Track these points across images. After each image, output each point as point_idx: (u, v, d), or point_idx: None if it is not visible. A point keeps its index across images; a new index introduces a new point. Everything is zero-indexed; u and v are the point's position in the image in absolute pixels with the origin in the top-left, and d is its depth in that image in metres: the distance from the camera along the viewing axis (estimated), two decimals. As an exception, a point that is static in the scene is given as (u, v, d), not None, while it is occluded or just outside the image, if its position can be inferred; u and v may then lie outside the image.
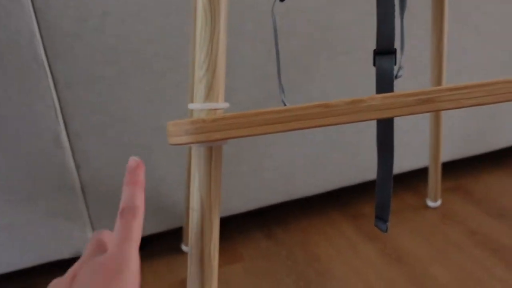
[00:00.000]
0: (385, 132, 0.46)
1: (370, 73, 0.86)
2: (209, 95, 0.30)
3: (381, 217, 0.49)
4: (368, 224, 0.90)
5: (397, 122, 0.91)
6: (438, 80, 0.79)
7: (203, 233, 0.33)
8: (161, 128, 0.77)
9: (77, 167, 0.76)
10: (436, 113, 0.84)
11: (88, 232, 0.80)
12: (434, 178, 0.92)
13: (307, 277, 0.76)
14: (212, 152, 0.33)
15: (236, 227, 0.95)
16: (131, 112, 0.75)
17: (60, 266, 0.86)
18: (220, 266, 0.83)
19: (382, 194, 0.48)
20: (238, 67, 0.78)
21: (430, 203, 0.95)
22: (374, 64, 0.43)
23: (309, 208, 0.99)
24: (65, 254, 0.80)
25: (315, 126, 0.29)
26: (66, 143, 0.73)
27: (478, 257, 0.76)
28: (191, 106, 0.32)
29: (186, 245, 0.88)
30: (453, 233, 0.84)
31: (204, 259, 0.33)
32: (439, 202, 0.95)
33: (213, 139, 0.29)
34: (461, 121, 0.96)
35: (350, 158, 0.90)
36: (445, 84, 0.84)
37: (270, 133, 0.29)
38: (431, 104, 0.30)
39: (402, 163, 0.95)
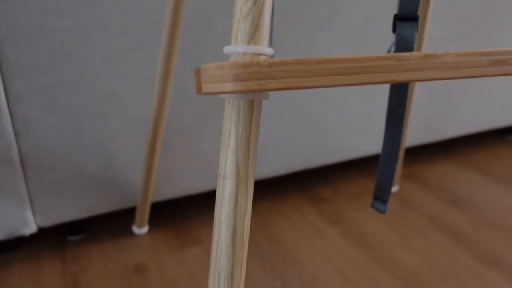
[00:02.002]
0: (398, 104, 0.42)
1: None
2: (255, 36, 0.24)
3: (381, 197, 0.45)
4: (330, 208, 0.88)
5: (363, 105, 0.89)
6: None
7: (237, 206, 0.27)
8: (118, 94, 0.69)
9: (16, 134, 0.65)
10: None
11: (27, 210, 0.69)
12: (395, 163, 0.92)
13: (272, 262, 0.72)
14: (254, 107, 0.27)
15: (194, 209, 0.89)
16: (85, 74, 0.66)
17: (-9, 249, 0.75)
18: (177, 248, 0.76)
19: (385, 173, 0.44)
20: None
21: (389, 189, 0.95)
22: (394, 31, 0.39)
23: (269, 191, 0.95)
24: (-3, 235, 0.69)
25: (383, 82, 0.25)
26: (4, 106, 0.63)
27: (439, 242, 0.77)
28: (228, 49, 0.26)
29: (139, 226, 0.80)
30: (413, 218, 0.84)
31: (237, 237, 0.27)
32: (397, 188, 0.95)
33: (268, 88, 0.23)
34: (416, 109, 0.97)
35: (313, 140, 0.87)
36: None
37: (334, 85, 0.24)
38: (503, 66, 0.26)
39: (362, 148, 0.94)
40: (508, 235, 0.78)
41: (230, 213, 0.27)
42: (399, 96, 0.44)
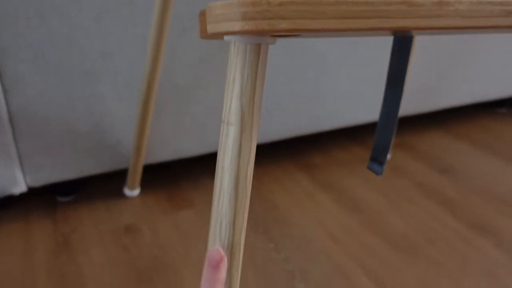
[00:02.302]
0: (399, 66, 0.42)
1: None
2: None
3: (378, 159, 0.45)
4: (321, 174, 0.89)
5: (358, 74, 0.88)
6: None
7: (240, 152, 0.27)
8: (110, 54, 0.67)
9: (5, 91, 0.64)
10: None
11: (16, 170, 0.68)
12: (387, 131, 0.92)
13: (265, 224, 0.73)
14: (260, 52, 0.26)
15: (186, 172, 0.89)
16: (76, 31, 0.64)
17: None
18: (170, 211, 0.76)
19: (383, 134, 0.44)
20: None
21: (380, 156, 0.95)
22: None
23: (262, 156, 0.95)
24: (-14, 194, 0.68)
25: (394, 28, 0.24)
26: (-8, 61, 0.61)
27: (429, 209, 0.78)
28: None
29: (131, 188, 0.80)
30: (403, 185, 0.85)
31: (239, 184, 0.27)
32: (388, 156, 0.96)
33: (278, 28, 0.22)
34: (410, 80, 0.96)
35: (307, 107, 0.87)
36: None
37: (344, 29, 0.23)
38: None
39: (355, 116, 0.94)
40: (496, 202, 0.80)
41: (234, 160, 0.27)
42: (401, 57, 0.43)
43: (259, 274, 0.62)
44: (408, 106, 1.00)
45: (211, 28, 0.25)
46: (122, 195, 0.81)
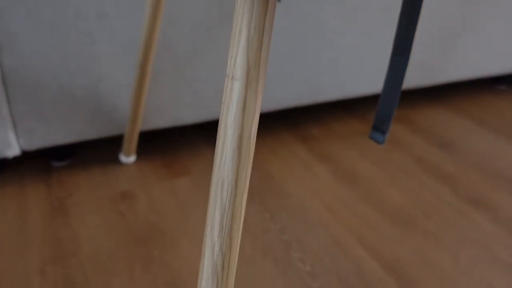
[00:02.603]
0: (406, 33, 0.40)
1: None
2: None
3: (380, 128, 0.44)
4: (319, 146, 0.88)
5: (359, 45, 0.86)
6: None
7: (245, 109, 0.25)
8: (106, 14, 0.65)
9: (-2, 50, 0.61)
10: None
11: (9, 133, 0.67)
12: (388, 104, 0.91)
13: (261, 195, 0.72)
14: (269, 3, 0.24)
15: (184, 139, 0.88)
16: (72, -12, 0.61)
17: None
18: (165, 179, 0.75)
19: (387, 103, 0.43)
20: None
21: (379, 130, 0.94)
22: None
23: (259, 126, 0.94)
24: (-21, 156, 0.67)
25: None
26: (-16, 18, 0.58)
27: (426, 182, 0.78)
28: None
29: (126, 155, 0.79)
30: (401, 159, 0.85)
31: (243, 142, 0.26)
32: (387, 130, 0.95)
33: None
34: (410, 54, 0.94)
35: (306, 77, 0.85)
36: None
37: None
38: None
39: (354, 88, 0.92)
40: (493, 178, 0.79)
41: (238, 116, 0.26)
42: (408, 25, 0.42)
43: (255, 244, 0.62)
44: (408, 80, 0.99)
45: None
46: (119, 162, 0.80)
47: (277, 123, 0.96)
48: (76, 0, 0.62)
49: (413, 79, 0.99)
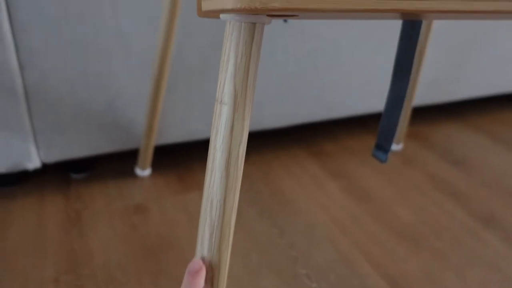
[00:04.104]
0: (407, 53, 0.41)
1: None
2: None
3: (383, 146, 0.45)
4: (331, 162, 0.88)
5: (370, 61, 0.87)
6: None
7: (232, 132, 0.27)
8: (123, 32, 0.68)
9: (21, 67, 0.65)
10: (419, 53, 0.81)
11: (30, 144, 0.70)
12: (401, 121, 0.91)
13: (271, 209, 0.73)
14: (255, 31, 0.26)
15: (198, 154, 0.90)
16: (90, 9, 0.64)
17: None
18: (178, 193, 0.77)
19: (389, 121, 0.44)
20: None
21: (392, 146, 0.94)
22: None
23: (272, 142, 0.95)
24: (1, 168, 0.70)
25: (392, 10, 0.23)
26: (9, 38, 0.62)
27: (438, 200, 0.77)
28: None
29: (142, 168, 0.81)
30: (414, 176, 0.85)
31: (231, 163, 0.27)
32: (401, 146, 0.95)
33: (271, 7, 0.22)
34: (427, 70, 0.94)
35: (318, 94, 0.86)
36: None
37: (339, 10, 0.23)
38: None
39: (367, 104, 0.93)
40: (507, 196, 0.78)
41: (226, 139, 0.27)
42: (408, 45, 0.43)
43: (262, 258, 0.63)
44: (424, 96, 0.99)
45: (205, 6, 0.25)
46: (134, 175, 0.82)
47: (290, 139, 0.97)
48: (94, 17, 0.65)
49: (428, 95, 0.99)
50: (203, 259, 0.29)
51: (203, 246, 0.29)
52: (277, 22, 0.76)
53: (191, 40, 0.72)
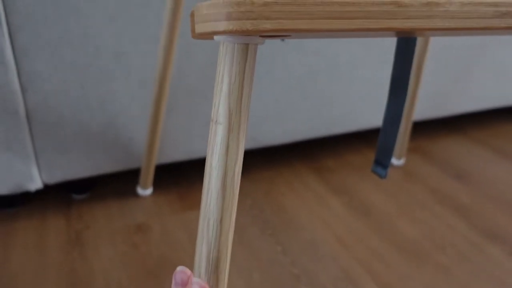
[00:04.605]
0: (403, 70, 0.41)
1: None
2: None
3: (382, 162, 0.45)
4: (333, 178, 0.88)
5: (370, 77, 0.88)
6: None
7: (228, 152, 0.27)
8: (123, 53, 0.68)
9: (23, 90, 0.65)
10: (417, 68, 0.82)
11: (32, 166, 0.70)
12: (402, 136, 0.91)
13: (274, 226, 0.73)
14: (248, 52, 0.26)
15: (198, 173, 0.90)
16: (91, 30, 0.65)
17: (-2, 201, 0.76)
18: (179, 212, 0.77)
19: (387, 137, 0.44)
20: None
21: (394, 161, 0.94)
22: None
23: (274, 159, 0.95)
24: (4, 189, 0.71)
25: (382, 29, 0.24)
26: (11, 61, 0.63)
27: (441, 215, 0.77)
28: None
29: (143, 188, 0.81)
30: (416, 190, 0.84)
31: (227, 183, 0.27)
32: (402, 161, 0.95)
33: (262, 29, 0.22)
34: (426, 84, 0.95)
35: (320, 110, 0.87)
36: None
37: (330, 30, 0.23)
38: (510, 19, 0.25)
39: (368, 119, 0.93)
40: (511, 210, 0.78)
41: (221, 158, 0.27)
42: (404, 62, 0.43)
43: (265, 276, 0.62)
44: (424, 110, 0.99)
45: (198, 28, 0.25)
46: (135, 194, 0.82)
47: (291, 156, 0.97)
48: (95, 40, 0.66)
49: (429, 109, 0.99)
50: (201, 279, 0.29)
51: (201, 266, 0.29)
52: (276, 40, 0.76)
53: (191, 59, 0.73)
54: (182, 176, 0.88)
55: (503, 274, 0.63)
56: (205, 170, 0.29)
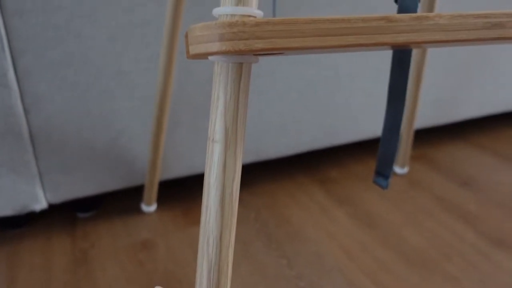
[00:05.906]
0: (399, 79, 0.42)
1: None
2: (243, -3, 0.24)
3: (383, 172, 0.45)
4: (337, 189, 0.88)
5: (371, 86, 0.88)
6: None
7: (225, 169, 0.27)
8: (124, 73, 0.69)
9: (26, 111, 0.66)
10: (417, 76, 0.82)
11: (37, 186, 0.71)
12: (405, 145, 0.91)
13: (278, 239, 0.73)
14: (242, 70, 0.26)
15: (201, 188, 0.90)
16: (91, 51, 0.66)
17: (2, 224, 0.77)
18: (184, 228, 0.77)
19: (387, 147, 0.44)
20: None
21: (398, 170, 0.94)
22: (396, 1, 0.39)
23: (275, 171, 0.95)
24: (9, 211, 0.71)
25: (374, 44, 0.24)
26: (13, 83, 0.64)
27: (447, 223, 0.76)
28: (217, 11, 0.26)
29: (147, 204, 0.81)
30: (421, 199, 0.84)
31: (225, 200, 0.28)
32: (406, 169, 0.94)
33: (255, 48, 0.23)
34: (428, 91, 0.95)
35: (321, 121, 0.87)
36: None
37: (322, 47, 0.23)
38: (500, 30, 0.26)
39: (370, 129, 0.93)
40: (518, 216, 0.77)
41: (219, 176, 0.27)
42: (401, 71, 0.43)
43: (271, 289, 0.62)
44: (427, 118, 0.99)
45: (192, 49, 0.26)
46: (140, 211, 0.82)
47: (294, 168, 0.97)
48: (97, 59, 0.67)
49: (431, 116, 0.99)
50: None
51: (202, 284, 0.29)
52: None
53: (192, 76, 0.74)
54: (186, 191, 0.89)
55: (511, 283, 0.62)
56: (203, 188, 0.29)
